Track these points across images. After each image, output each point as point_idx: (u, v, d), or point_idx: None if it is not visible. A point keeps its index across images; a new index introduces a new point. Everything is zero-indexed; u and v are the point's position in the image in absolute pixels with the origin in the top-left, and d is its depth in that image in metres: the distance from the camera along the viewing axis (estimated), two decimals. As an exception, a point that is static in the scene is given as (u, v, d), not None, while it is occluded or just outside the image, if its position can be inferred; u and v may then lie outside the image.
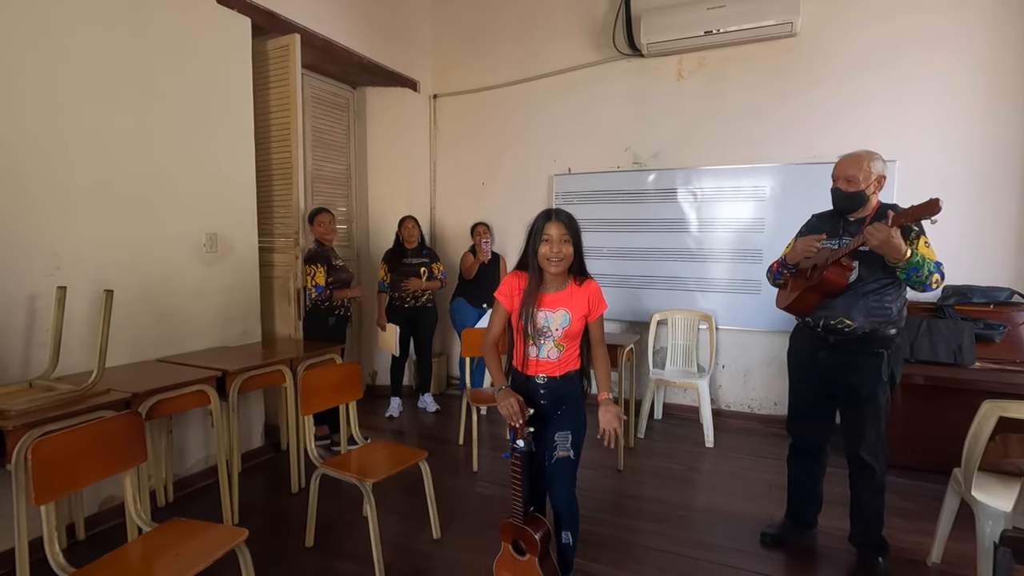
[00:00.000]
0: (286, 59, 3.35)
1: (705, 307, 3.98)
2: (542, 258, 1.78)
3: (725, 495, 2.89)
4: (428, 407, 4.24)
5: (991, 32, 3.26)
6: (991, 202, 3.31)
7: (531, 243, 1.81)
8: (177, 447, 2.85)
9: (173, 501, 2.76)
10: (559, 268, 1.78)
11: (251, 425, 3.30)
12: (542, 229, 1.78)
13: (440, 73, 4.84)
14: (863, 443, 2.11)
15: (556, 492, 1.89)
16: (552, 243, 1.76)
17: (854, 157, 2.07)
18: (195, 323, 2.94)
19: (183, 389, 2.33)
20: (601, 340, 1.92)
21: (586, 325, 1.88)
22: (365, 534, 2.16)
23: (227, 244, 3.08)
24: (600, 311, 1.87)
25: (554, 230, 1.77)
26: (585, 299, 1.84)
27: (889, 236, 1.83)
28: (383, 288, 4.02)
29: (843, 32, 3.56)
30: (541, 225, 1.79)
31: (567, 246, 1.78)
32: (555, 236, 1.76)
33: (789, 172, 3.72)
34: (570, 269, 1.84)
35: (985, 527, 1.90)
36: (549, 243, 1.77)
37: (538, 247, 1.78)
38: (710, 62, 3.91)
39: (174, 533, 1.73)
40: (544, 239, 1.77)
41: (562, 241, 1.77)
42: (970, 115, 3.33)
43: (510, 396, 1.77)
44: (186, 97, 2.84)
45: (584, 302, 1.84)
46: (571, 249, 1.79)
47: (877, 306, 2.03)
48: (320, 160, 4.25)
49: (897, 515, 2.55)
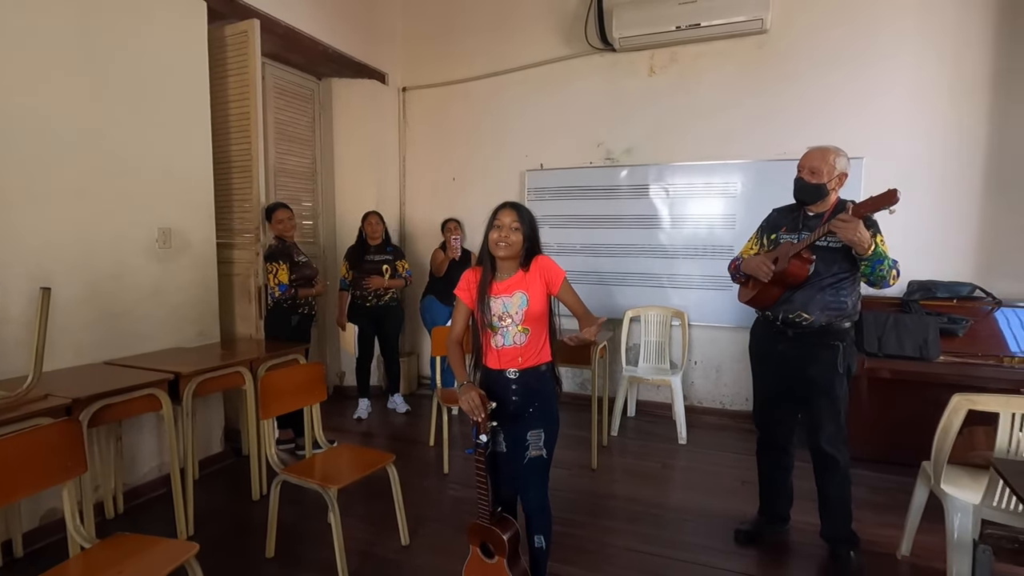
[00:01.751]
0: (245, 46, 3.20)
1: (678, 303, 3.97)
2: (491, 243, 1.79)
3: (699, 492, 2.88)
4: (398, 408, 4.13)
5: (953, 34, 3.32)
6: (953, 199, 3.37)
7: (486, 233, 1.83)
8: (128, 455, 2.69)
9: (123, 512, 2.60)
10: (505, 252, 1.78)
11: (210, 430, 3.15)
12: (495, 216, 1.81)
13: (410, 65, 4.72)
14: (823, 434, 2.12)
15: (528, 494, 1.83)
16: (502, 229, 1.78)
17: (821, 150, 2.10)
18: (148, 323, 2.77)
19: (132, 393, 2.18)
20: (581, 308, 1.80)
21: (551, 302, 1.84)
22: (330, 542, 2.06)
23: (183, 240, 2.92)
24: (559, 278, 1.82)
25: (506, 217, 1.79)
26: (537, 275, 1.82)
27: (857, 225, 1.87)
28: (345, 286, 3.90)
29: (812, 30, 3.58)
30: (494, 213, 1.82)
31: (516, 234, 1.78)
32: (506, 223, 1.78)
33: (760, 169, 3.73)
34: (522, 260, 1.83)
35: (954, 519, 1.90)
36: (499, 229, 1.78)
37: (489, 233, 1.80)
38: (682, 57, 3.90)
39: (117, 549, 1.60)
40: (495, 226, 1.79)
41: (511, 228, 1.78)
42: (933, 114, 3.39)
43: (471, 390, 1.73)
44: (137, 84, 2.67)
45: (538, 278, 1.81)
46: (520, 237, 1.79)
47: (833, 300, 2.07)
48: (284, 153, 4.09)
49: (867, 508, 2.57)
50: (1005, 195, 3.28)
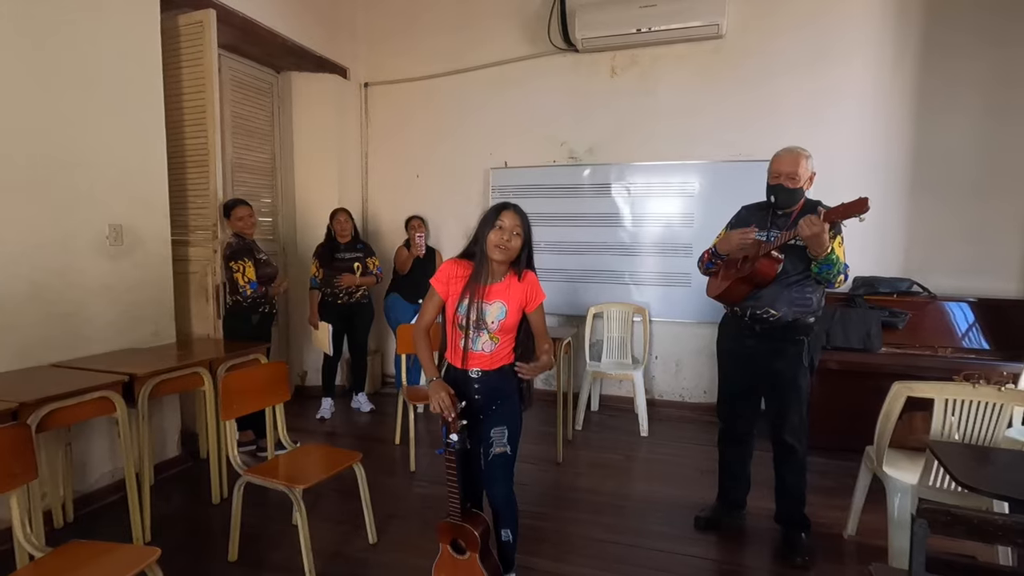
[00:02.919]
0: (200, 36, 3.10)
1: (639, 300, 4.07)
2: (490, 244, 1.74)
3: (660, 482, 2.97)
4: (362, 407, 4.09)
5: (894, 43, 3.52)
6: (892, 199, 3.58)
7: (482, 230, 1.77)
8: (78, 461, 2.58)
9: (73, 521, 2.49)
10: (503, 256, 1.74)
11: (166, 433, 3.04)
12: (496, 215, 1.75)
13: (372, 61, 4.66)
14: (787, 426, 2.22)
15: (494, 489, 1.85)
16: (504, 231, 1.73)
17: (793, 156, 2.12)
18: (98, 323, 2.66)
19: (83, 396, 2.09)
20: (544, 333, 1.86)
21: (524, 317, 1.85)
22: (295, 544, 2.03)
23: (135, 236, 2.81)
24: (538, 301, 1.84)
25: (508, 220, 1.74)
26: (522, 291, 1.81)
27: (822, 230, 1.92)
28: (315, 284, 3.84)
29: (765, 37, 3.73)
30: (496, 212, 1.76)
31: (517, 239, 1.75)
32: (508, 225, 1.73)
33: (716, 169, 3.87)
34: (514, 264, 1.80)
35: (895, 499, 2.04)
36: (501, 231, 1.73)
37: (488, 233, 1.74)
38: (642, 60, 3.99)
39: (72, 558, 1.54)
40: (497, 226, 1.74)
41: (514, 233, 1.73)
42: (875, 118, 3.59)
43: (441, 389, 1.72)
44: (86, 74, 2.56)
45: (521, 294, 1.81)
46: (520, 243, 1.76)
47: (799, 296, 2.14)
48: (241, 148, 3.98)
49: (816, 493, 2.69)
50: (928, 197, 3.51)
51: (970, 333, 3.28)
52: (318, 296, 3.84)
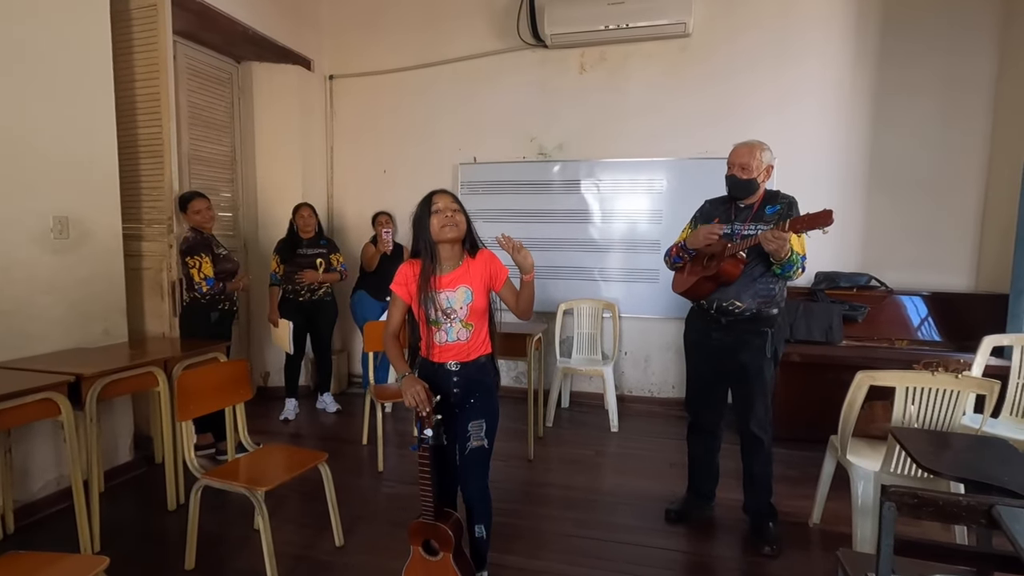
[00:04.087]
0: (153, 20, 2.96)
1: (608, 296, 4.09)
2: (435, 229, 1.73)
3: (630, 477, 2.98)
4: (328, 407, 3.98)
5: (853, 45, 3.63)
6: (851, 197, 3.69)
7: (419, 224, 1.76)
8: (19, 468, 2.42)
9: (14, 532, 2.33)
10: (454, 234, 1.73)
11: (116, 438, 2.89)
12: (429, 202, 1.76)
13: (337, 53, 4.55)
14: (752, 417, 2.25)
15: (470, 484, 1.82)
16: (442, 212, 1.73)
17: (748, 146, 2.20)
18: (42, 321, 2.50)
19: (25, 398, 1.95)
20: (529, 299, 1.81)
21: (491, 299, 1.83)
22: (257, 549, 1.95)
23: (82, 230, 2.66)
24: (503, 275, 1.84)
25: (441, 201, 1.75)
26: (483, 268, 1.80)
27: (784, 243, 1.98)
28: (275, 281, 3.71)
29: (730, 35, 3.80)
30: (427, 201, 1.77)
31: (459, 214, 1.75)
32: (444, 206, 1.74)
33: (683, 166, 3.91)
34: (464, 244, 1.80)
35: (859, 486, 2.09)
36: (440, 213, 1.73)
37: (429, 223, 1.73)
38: (611, 57, 4.01)
39: (12, 570, 1.43)
40: (434, 211, 1.73)
41: (452, 210, 1.74)
42: (836, 117, 3.69)
43: (415, 384, 1.68)
44: (28, 57, 2.40)
45: (482, 271, 1.80)
46: (463, 217, 1.77)
47: (764, 288, 2.20)
48: (199, 139, 3.83)
49: (782, 483, 2.75)
50: (885, 196, 3.64)
51: (924, 325, 3.41)
52: (278, 293, 3.72)
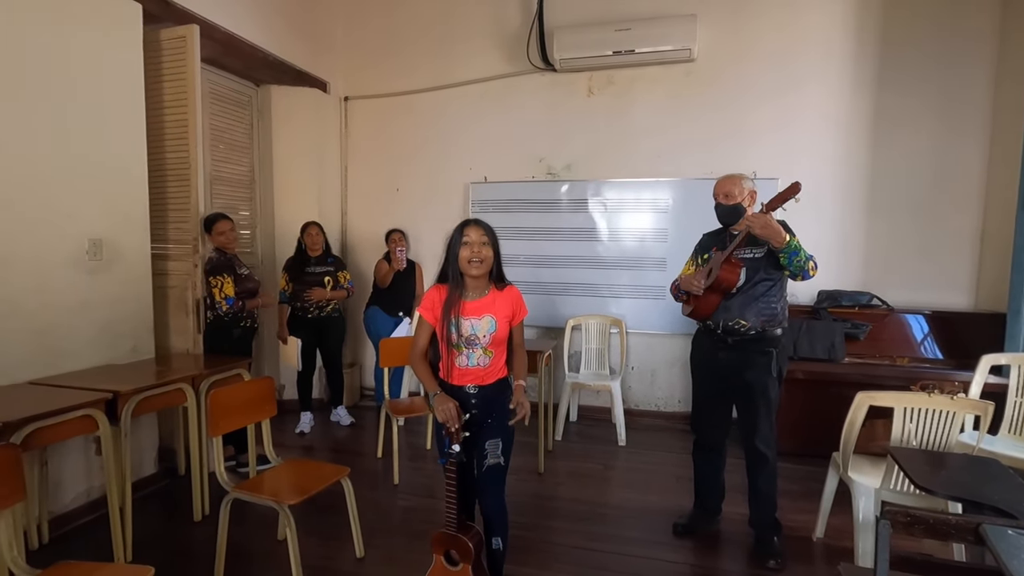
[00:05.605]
0: (183, 51, 3.09)
1: (616, 312, 4.18)
2: (463, 261, 1.83)
3: (638, 490, 3.06)
4: (342, 420, 4.08)
5: (852, 71, 3.74)
6: (852, 217, 3.79)
7: (451, 251, 1.85)
8: (53, 481, 2.52)
9: (49, 542, 2.43)
10: (480, 270, 1.83)
11: (142, 451, 2.99)
12: (461, 233, 1.84)
13: (352, 75, 4.70)
14: (758, 435, 2.34)
15: (487, 500, 1.91)
16: (472, 245, 1.82)
17: (729, 177, 2.40)
18: (76, 339, 2.62)
19: (66, 415, 2.07)
20: (521, 344, 1.99)
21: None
22: (282, 560, 2.04)
23: (114, 251, 2.78)
24: (522, 316, 1.95)
25: (473, 234, 1.83)
26: (508, 303, 1.90)
27: (768, 220, 2.10)
28: (284, 299, 3.83)
29: (734, 61, 3.92)
30: (460, 230, 1.85)
31: (487, 248, 1.84)
32: (474, 239, 1.82)
33: (688, 186, 4.02)
34: (490, 275, 1.89)
35: (860, 502, 2.17)
36: (469, 246, 1.82)
37: (458, 252, 1.83)
38: (618, 80, 4.13)
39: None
40: (464, 242, 1.82)
41: (481, 243, 1.83)
42: (836, 140, 3.80)
43: (448, 401, 1.78)
44: (66, 87, 2.54)
45: (508, 305, 1.90)
46: (490, 252, 1.85)
47: (765, 307, 2.30)
48: (220, 161, 3.96)
49: (786, 497, 2.82)
50: (886, 216, 3.74)
51: (925, 343, 3.49)
52: (287, 310, 3.84)
